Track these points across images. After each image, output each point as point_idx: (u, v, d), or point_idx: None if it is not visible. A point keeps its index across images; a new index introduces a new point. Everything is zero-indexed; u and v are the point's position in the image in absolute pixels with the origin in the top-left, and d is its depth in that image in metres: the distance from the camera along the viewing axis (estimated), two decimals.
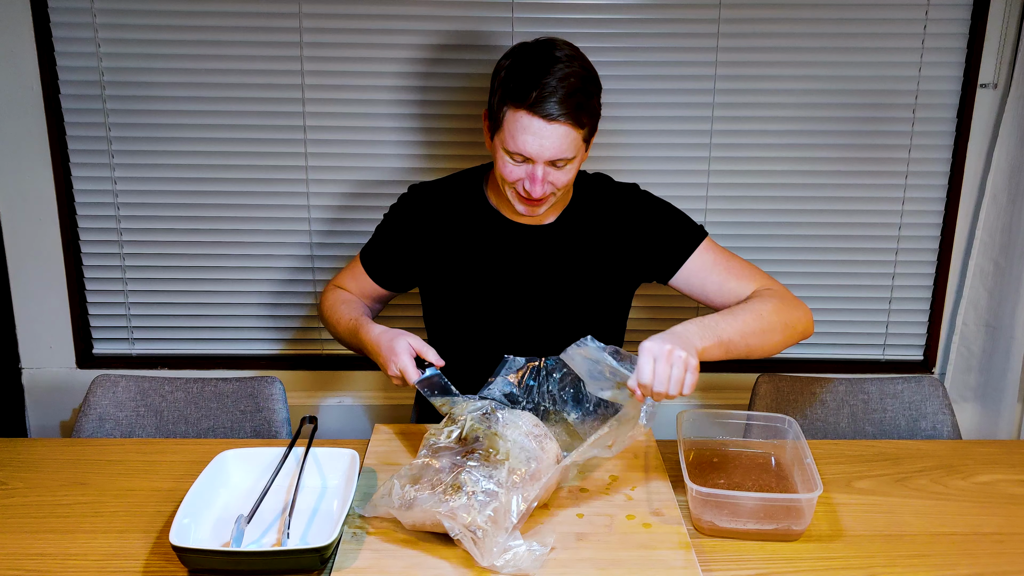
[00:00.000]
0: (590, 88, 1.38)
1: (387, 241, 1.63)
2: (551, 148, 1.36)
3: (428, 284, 1.62)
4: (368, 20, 2.08)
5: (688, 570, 1.14)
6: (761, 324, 1.40)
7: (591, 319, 1.58)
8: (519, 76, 1.35)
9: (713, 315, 1.39)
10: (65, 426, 2.33)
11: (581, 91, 1.35)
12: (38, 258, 2.22)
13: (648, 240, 1.55)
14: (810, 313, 1.51)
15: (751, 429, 1.47)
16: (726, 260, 1.55)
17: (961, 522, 1.29)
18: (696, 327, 1.33)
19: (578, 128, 1.37)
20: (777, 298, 1.46)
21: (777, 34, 2.10)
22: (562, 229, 1.56)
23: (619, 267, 1.57)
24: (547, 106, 1.33)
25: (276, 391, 1.76)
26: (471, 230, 1.56)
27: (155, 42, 2.08)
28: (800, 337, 1.49)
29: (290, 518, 1.20)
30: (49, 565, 1.16)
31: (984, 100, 2.14)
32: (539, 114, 1.34)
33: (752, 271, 1.55)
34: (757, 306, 1.43)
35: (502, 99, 1.38)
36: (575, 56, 1.39)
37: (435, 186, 1.62)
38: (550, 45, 1.39)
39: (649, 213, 1.57)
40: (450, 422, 1.28)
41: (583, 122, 1.37)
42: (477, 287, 1.57)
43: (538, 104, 1.33)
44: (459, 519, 1.11)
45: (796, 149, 2.18)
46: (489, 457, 1.19)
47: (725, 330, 1.36)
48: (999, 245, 2.18)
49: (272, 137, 2.15)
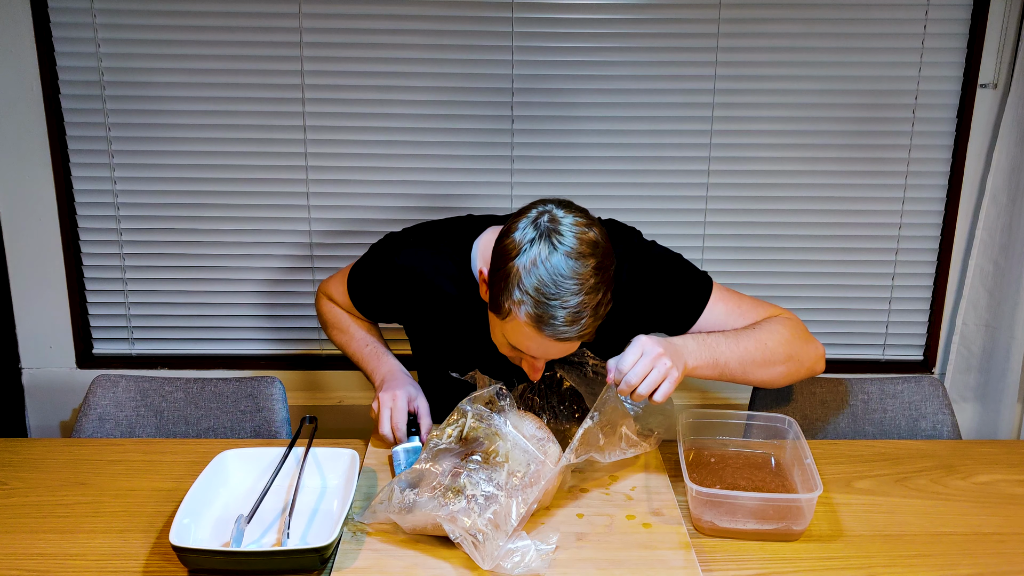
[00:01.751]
0: (602, 298, 1.24)
1: (367, 295, 1.56)
2: (556, 354, 1.30)
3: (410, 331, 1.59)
4: (368, 20, 2.08)
5: (688, 570, 1.14)
6: (764, 354, 1.37)
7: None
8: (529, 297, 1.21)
9: (718, 334, 1.36)
10: (65, 426, 2.33)
11: (593, 312, 1.23)
12: (38, 258, 2.22)
13: (657, 305, 1.44)
14: (821, 349, 1.45)
15: (751, 429, 1.47)
16: (736, 307, 1.45)
17: (961, 522, 1.29)
18: (695, 344, 1.32)
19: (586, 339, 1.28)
20: (790, 329, 1.41)
21: (777, 34, 2.10)
22: None
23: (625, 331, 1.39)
24: (557, 331, 1.22)
25: (276, 391, 1.76)
26: (453, 309, 1.47)
27: (155, 42, 2.08)
28: (807, 374, 1.44)
29: (290, 518, 1.20)
30: (49, 565, 1.16)
31: (984, 100, 2.14)
32: (548, 334, 1.23)
33: (766, 308, 1.47)
34: (764, 335, 1.38)
35: (506, 303, 1.23)
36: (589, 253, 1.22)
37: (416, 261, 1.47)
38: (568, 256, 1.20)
39: (656, 273, 1.44)
40: (452, 421, 1.28)
41: (591, 334, 1.26)
42: (464, 351, 1.49)
43: (547, 327, 1.22)
44: (459, 522, 1.11)
45: (796, 149, 2.18)
46: (489, 459, 1.19)
47: (724, 353, 1.34)
48: (999, 245, 2.18)
49: (272, 137, 2.15)
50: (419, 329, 1.57)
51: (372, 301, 1.58)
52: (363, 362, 1.59)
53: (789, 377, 1.42)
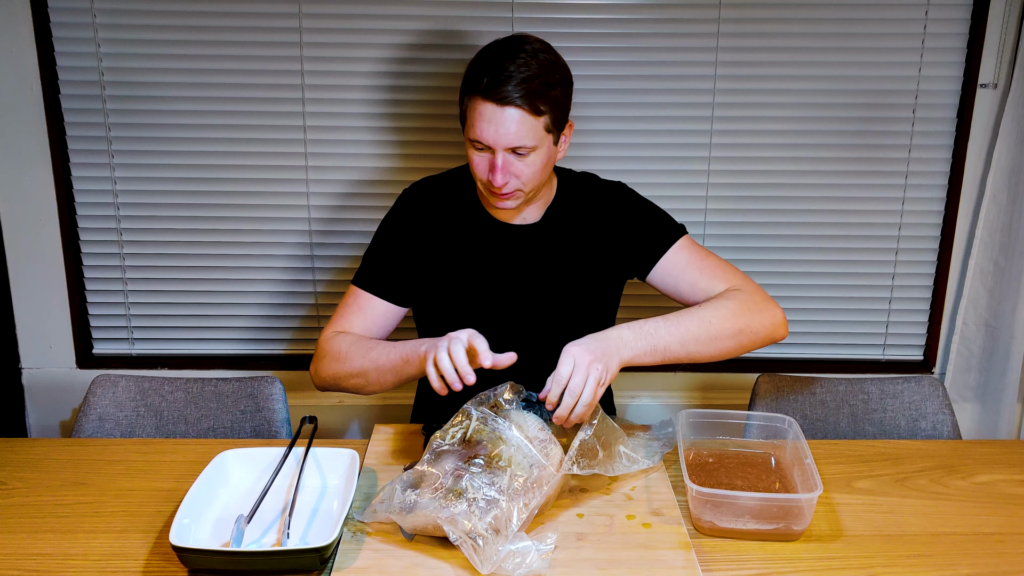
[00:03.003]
0: (551, 78, 1.37)
1: (385, 248, 1.60)
2: (506, 134, 1.36)
3: (421, 286, 1.61)
4: (368, 20, 2.08)
5: (688, 570, 1.14)
6: (708, 331, 1.38)
7: (578, 316, 1.58)
8: (477, 65, 1.39)
9: (655, 319, 1.37)
10: (65, 426, 2.33)
11: (537, 77, 1.35)
12: (38, 258, 2.22)
13: (629, 236, 1.56)
14: (779, 316, 1.46)
15: (751, 429, 1.47)
16: (701, 259, 1.54)
17: (961, 522, 1.29)
18: (630, 333, 1.33)
19: (533, 114, 1.36)
20: (737, 302, 1.43)
21: (777, 34, 2.10)
22: (547, 227, 1.56)
23: (603, 263, 1.57)
24: (500, 90, 1.34)
25: (276, 391, 1.76)
26: (460, 229, 1.57)
27: (155, 42, 2.08)
28: (763, 342, 1.45)
29: (290, 518, 1.20)
30: (49, 565, 1.16)
31: (984, 100, 2.14)
32: (492, 99, 1.35)
33: (726, 271, 1.52)
34: (708, 312, 1.41)
35: (463, 89, 1.42)
36: (541, 50, 1.39)
37: (429, 185, 1.62)
38: (518, 39, 1.40)
39: (631, 210, 1.57)
40: (455, 423, 1.27)
41: (539, 108, 1.36)
42: (465, 286, 1.56)
43: (490, 89, 1.35)
44: (459, 525, 1.11)
45: (796, 149, 2.18)
46: (491, 463, 1.19)
47: (663, 338, 1.35)
48: (999, 245, 2.18)
49: (272, 137, 2.15)
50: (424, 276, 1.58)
51: (385, 263, 1.57)
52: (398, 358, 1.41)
53: (743, 348, 1.44)
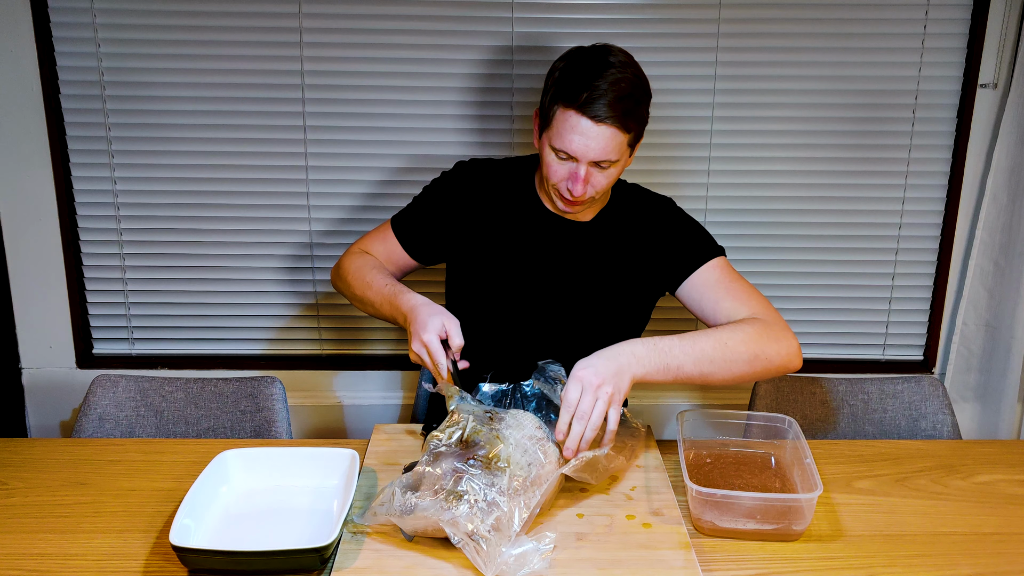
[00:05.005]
0: (639, 95, 1.40)
1: (428, 210, 1.63)
2: (596, 149, 1.39)
3: (458, 260, 1.63)
4: (368, 20, 2.08)
5: (688, 570, 1.14)
6: (723, 353, 1.37)
7: (608, 321, 1.58)
8: (572, 77, 1.38)
9: (670, 337, 1.36)
10: (65, 426, 2.33)
11: (630, 96, 1.38)
12: (38, 258, 2.22)
13: (668, 247, 1.56)
14: (795, 347, 1.44)
15: (751, 429, 1.47)
16: (730, 281, 1.52)
17: (961, 522, 1.29)
18: (644, 349, 1.32)
19: (624, 132, 1.39)
20: (756, 328, 1.41)
21: (777, 34, 2.10)
22: (597, 228, 1.57)
23: (642, 272, 1.58)
24: (596, 107, 1.36)
25: (276, 391, 1.76)
26: (511, 214, 1.58)
27: (155, 42, 2.08)
28: (777, 372, 1.43)
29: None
30: (49, 565, 1.16)
31: (984, 100, 2.14)
32: (588, 114, 1.36)
33: (751, 297, 1.50)
34: (726, 334, 1.39)
35: (554, 98, 1.41)
36: (628, 63, 1.41)
37: (488, 165, 1.64)
38: (605, 51, 1.41)
39: (675, 223, 1.58)
40: (452, 423, 1.28)
41: (629, 127, 1.39)
42: (505, 270, 1.57)
43: (588, 105, 1.36)
44: (461, 527, 1.11)
45: (796, 149, 2.18)
46: (490, 465, 1.19)
47: (677, 356, 1.34)
48: (999, 245, 2.18)
49: (272, 137, 2.15)
50: (464, 250, 1.60)
51: (421, 223, 1.62)
52: (385, 302, 1.51)
53: (756, 376, 1.42)
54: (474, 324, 1.53)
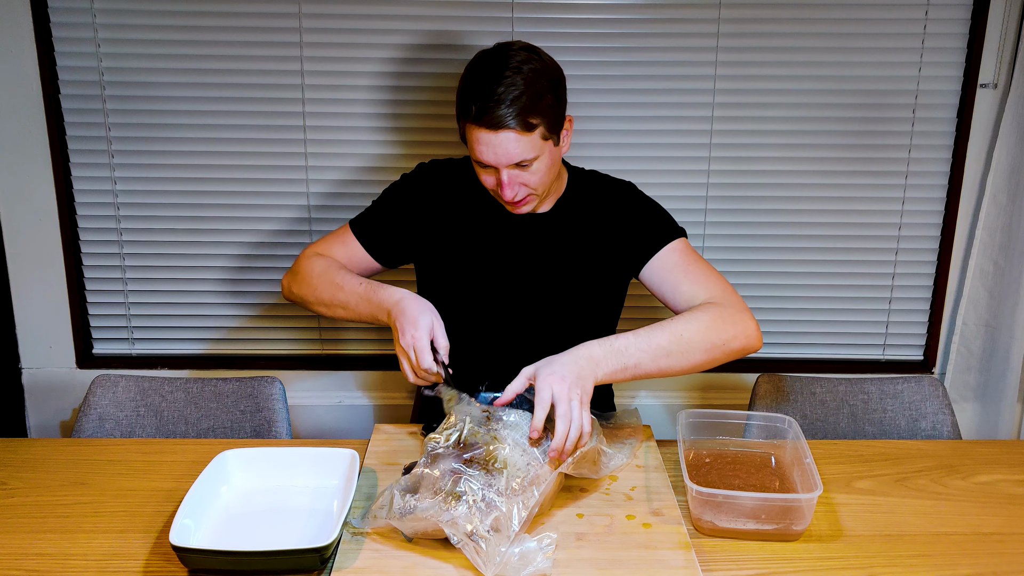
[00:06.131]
0: (538, 89, 1.37)
1: (389, 211, 1.62)
2: (505, 154, 1.38)
3: (424, 261, 1.63)
4: (368, 20, 2.08)
5: (688, 570, 1.14)
6: (680, 345, 1.36)
7: (580, 310, 1.59)
8: (466, 89, 1.40)
9: (626, 335, 1.35)
10: (65, 426, 2.33)
11: (526, 94, 1.35)
12: (38, 258, 2.22)
13: (629, 231, 1.56)
14: (751, 328, 1.43)
15: (751, 429, 1.47)
16: (689, 264, 1.52)
17: (961, 522, 1.29)
18: (601, 352, 1.31)
19: (526, 131, 1.37)
20: (711, 315, 1.41)
21: (777, 34, 2.10)
22: (557, 217, 1.58)
23: (607, 258, 1.58)
24: (491, 116, 1.35)
25: (276, 391, 1.76)
26: (473, 211, 1.58)
27: (155, 42, 2.08)
28: (737, 355, 1.43)
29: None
30: (49, 565, 1.16)
31: (984, 100, 2.14)
32: (484, 125, 1.36)
33: (710, 279, 1.50)
34: (681, 326, 1.38)
35: (458, 112, 1.43)
36: (525, 60, 1.38)
37: (448, 165, 1.64)
38: (502, 52, 1.40)
39: (635, 207, 1.58)
40: (449, 425, 1.28)
41: (531, 124, 1.37)
42: (471, 267, 1.58)
43: (481, 116, 1.36)
44: (461, 528, 1.11)
45: (796, 149, 2.18)
46: (488, 466, 1.19)
47: (634, 355, 1.33)
48: (999, 245, 2.18)
49: (272, 137, 2.15)
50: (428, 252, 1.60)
51: (382, 224, 1.60)
52: (362, 301, 1.46)
53: (716, 362, 1.42)
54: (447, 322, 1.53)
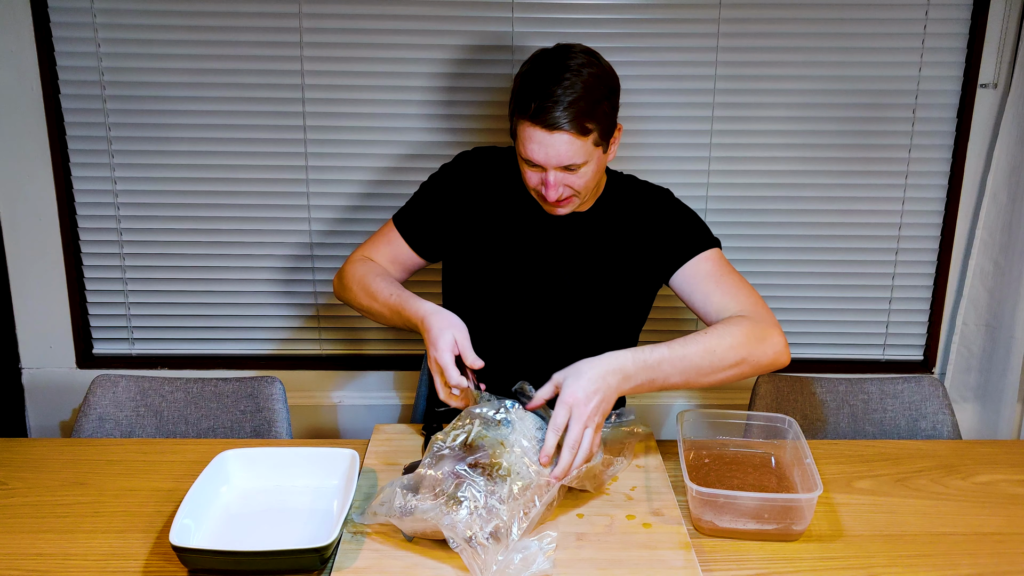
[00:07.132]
0: (597, 95, 1.37)
1: (430, 202, 1.61)
2: (556, 156, 1.38)
3: (456, 253, 1.62)
4: (368, 20, 2.08)
5: (688, 570, 1.14)
6: (711, 361, 1.36)
7: (609, 313, 1.58)
8: (526, 87, 1.38)
9: (659, 347, 1.34)
10: (65, 426, 2.33)
11: (584, 99, 1.35)
12: (38, 258, 2.22)
13: (662, 237, 1.56)
14: (781, 346, 1.42)
15: (751, 429, 1.47)
16: (722, 274, 1.51)
17: (961, 522, 1.29)
18: (634, 366, 1.31)
19: (581, 135, 1.37)
20: (743, 330, 1.40)
21: (777, 34, 2.10)
22: (595, 217, 1.57)
23: (640, 262, 1.57)
24: (548, 116, 1.34)
25: (276, 391, 1.76)
26: (506, 205, 1.57)
27: (155, 42, 2.08)
28: (764, 370, 1.43)
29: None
30: (49, 565, 1.16)
31: (984, 100, 2.14)
32: (541, 124, 1.35)
33: (741, 291, 1.49)
34: (714, 340, 1.38)
35: (512, 110, 1.42)
36: (586, 63, 1.38)
37: (490, 154, 1.63)
38: (563, 54, 1.39)
39: (671, 213, 1.58)
40: (458, 426, 1.27)
41: (586, 129, 1.37)
42: (502, 261, 1.57)
43: (538, 115, 1.35)
44: (460, 532, 1.11)
45: (796, 149, 2.18)
46: (492, 472, 1.18)
47: (664, 370, 1.33)
48: (999, 245, 2.18)
49: (272, 137, 2.15)
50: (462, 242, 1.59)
51: (424, 215, 1.60)
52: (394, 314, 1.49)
53: (742, 376, 1.42)
54: (473, 319, 1.52)
